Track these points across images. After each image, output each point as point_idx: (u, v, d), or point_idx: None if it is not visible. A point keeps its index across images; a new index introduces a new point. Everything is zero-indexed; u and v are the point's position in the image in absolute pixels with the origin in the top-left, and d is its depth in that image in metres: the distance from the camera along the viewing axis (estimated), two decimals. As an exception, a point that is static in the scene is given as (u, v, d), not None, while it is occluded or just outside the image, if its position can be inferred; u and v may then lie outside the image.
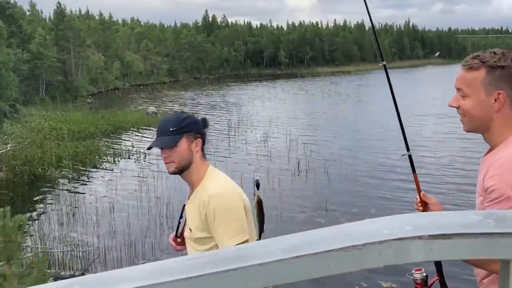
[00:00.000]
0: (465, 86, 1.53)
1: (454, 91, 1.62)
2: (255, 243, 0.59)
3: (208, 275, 0.56)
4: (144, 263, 2.18)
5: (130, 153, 14.29)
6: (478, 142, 6.89)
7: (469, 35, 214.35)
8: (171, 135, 2.06)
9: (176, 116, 2.13)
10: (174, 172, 2.07)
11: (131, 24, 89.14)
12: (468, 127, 1.58)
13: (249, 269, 0.54)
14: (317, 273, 0.53)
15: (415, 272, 1.82)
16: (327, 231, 0.55)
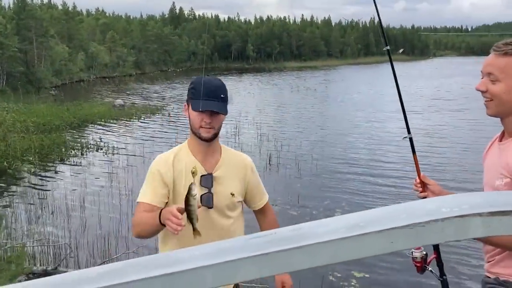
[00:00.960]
0: (498, 71, 1.58)
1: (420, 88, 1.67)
2: (313, 223, 0.61)
3: (274, 253, 0.58)
4: (118, 257, 2.19)
5: (99, 146, 14.02)
6: (458, 131, 6.94)
7: (431, 33, 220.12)
8: (221, 101, 2.04)
9: (221, 82, 2.11)
10: (210, 138, 2.07)
11: (96, 15, 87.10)
12: (494, 111, 1.63)
13: (315, 247, 0.57)
14: (381, 250, 0.55)
15: (415, 251, 1.89)
16: (388, 210, 0.58)
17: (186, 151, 2.15)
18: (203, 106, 2.00)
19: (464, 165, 10.80)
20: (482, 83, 1.62)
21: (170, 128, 18.09)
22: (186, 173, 2.08)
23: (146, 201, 2.07)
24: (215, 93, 2.03)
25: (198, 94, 2.02)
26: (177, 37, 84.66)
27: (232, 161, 2.17)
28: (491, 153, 1.76)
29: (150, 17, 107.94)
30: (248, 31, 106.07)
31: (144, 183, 2.14)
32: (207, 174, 2.09)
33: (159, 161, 2.16)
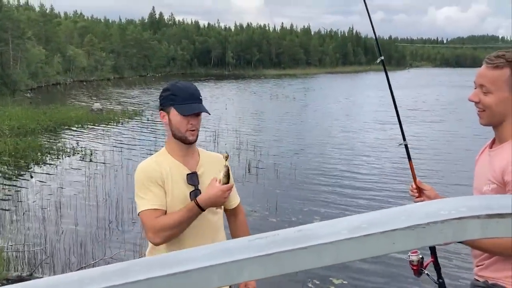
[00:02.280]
0: (489, 83, 1.64)
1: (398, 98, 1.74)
2: (315, 224, 0.62)
3: (279, 253, 0.59)
4: (95, 263, 2.18)
5: (75, 151, 13.80)
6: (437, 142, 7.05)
7: (408, 44, 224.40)
8: (201, 103, 2.16)
9: (193, 85, 2.21)
10: (195, 140, 2.17)
11: (74, 18, 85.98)
12: (487, 121, 1.69)
13: (320, 247, 0.58)
14: (383, 250, 0.57)
15: (411, 255, 1.93)
16: (389, 212, 0.60)
17: (165, 155, 2.21)
18: (192, 109, 2.08)
19: (445, 174, 11.01)
20: (474, 94, 1.69)
21: (149, 132, 17.94)
22: (171, 175, 2.15)
23: (152, 207, 2.11)
24: (196, 95, 2.13)
25: (182, 99, 2.09)
26: (156, 42, 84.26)
27: (210, 160, 2.27)
28: (481, 159, 1.82)
29: (129, 21, 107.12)
30: (228, 38, 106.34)
31: (138, 191, 2.16)
32: (191, 172, 2.17)
33: (144, 167, 2.20)
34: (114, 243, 7.04)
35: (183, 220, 2.07)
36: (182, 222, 2.07)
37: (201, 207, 2.05)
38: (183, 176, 2.15)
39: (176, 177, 2.14)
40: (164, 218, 2.09)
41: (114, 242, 7.12)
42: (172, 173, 2.14)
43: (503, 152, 1.67)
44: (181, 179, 2.15)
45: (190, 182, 2.15)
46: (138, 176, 2.17)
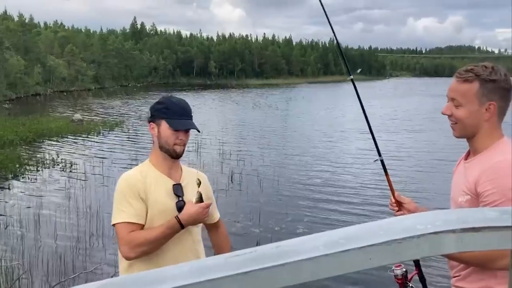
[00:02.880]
0: (460, 96, 1.68)
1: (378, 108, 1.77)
2: (293, 240, 0.62)
3: (255, 271, 0.59)
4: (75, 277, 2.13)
5: (55, 162, 13.59)
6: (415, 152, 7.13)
7: (388, 53, 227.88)
8: (192, 119, 2.22)
9: (186, 101, 2.27)
10: (182, 154, 2.23)
11: (54, 28, 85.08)
12: (459, 133, 1.73)
13: (297, 264, 0.57)
14: (360, 266, 0.57)
15: (395, 268, 1.94)
16: (366, 227, 0.60)
17: (149, 167, 2.24)
18: (184, 125, 2.16)
19: (426, 185, 11.13)
20: (447, 107, 1.72)
21: (130, 143, 17.78)
22: (155, 186, 2.16)
23: (128, 220, 2.10)
24: (188, 112, 2.20)
25: (174, 114, 2.17)
26: (138, 52, 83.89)
27: (191, 175, 2.33)
28: (457, 170, 1.85)
29: (110, 31, 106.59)
30: (211, 48, 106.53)
31: (116, 203, 2.15)
32: (176, 183, 2.20)
33: (127, 178, 2.21)
34: (95, 256, 6.93)
35: (163, 236, 2.07)
36: (161, 238, 2.08)
37: (182, 225, 2.08)
38: (167, 188, 2.17)
39: (160, 189, 2.16)
40: (143, 233, 2.07)
41: (95, 255, 7.01)
42: (156, 185, 2.16)
43: (477, 164, 1.69)
44: (165, 191, 2.17)
45: (176, 193, 2.18)
46: (120, 186, 2.16)
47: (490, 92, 1.66)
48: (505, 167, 1.59)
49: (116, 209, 2.14)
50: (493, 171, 1.60)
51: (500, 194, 1.56)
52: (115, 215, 2.13)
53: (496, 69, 1.67)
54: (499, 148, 1.68)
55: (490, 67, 1.68)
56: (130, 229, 2.08)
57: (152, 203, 2.13)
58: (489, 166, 1.62)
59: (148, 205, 2.13)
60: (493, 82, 1.65)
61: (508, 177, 1.56)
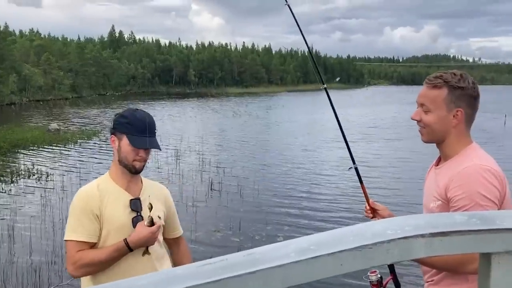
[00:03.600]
0: (428, 102, 1.72)
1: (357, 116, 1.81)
2: (264, 247, 0.62)
3: (227, 279, 0.58)
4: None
5: (31, 173, 13.31)
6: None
7: (366, 62, 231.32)
8: (155, 136, 2.17)
9: (151, 117, 2.19)
10: (141, 171, 2.18)
11: (30, 36, 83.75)
12: (427, 138, 1.76)
13: (268, 271, 0.57)
14: (331, 272, 0.57)
15: (370, 275, 1.95)
16: (337, 233, 0.60)
17: (108, 181, 2.20)
18: (143, 143, 2.10)
19: (403, 192, 11.25)
20: (416, 113, 1.76)
21: (108, 153, 17.55)
22: (112, 201, 2.12)
23: (78, 238, 2.06)
24: (151, 129, 2.14)
25: (136, 130, 2.10)
26: (116, 61, 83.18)
27: (153, 188, 2.31)
28: (429, 176, 1.88)
29: (88, 39, 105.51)
30: (190, 56, 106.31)
31: (70, 218, 2.12)
32: (134, 198, 2.16)
33: (82, 195, 2.16)
34: (71, 268, 6.78)
35: (109, 259, 2.04)
36: (107, 260, 2.04)
37: (130, 248, 2.04)
38: (125, 203, 2.13)
39: (117, 204, 2.12)
40: (90, 254, 2.04)
41: (71, 267, 6.86)
42: (114, 200, 2.12)
43: (447, 169, 1.73)
44: (123, 206, 2.13)
45: (133, 208, 2.13)
46: (75, 203, 2.15)
47: (458, 98, 1.70)
48: (474, 172, 1.62)
49: (69, 225, 2.11)
50: (462, 176, 1.63)
51: (469, 199, 1.59)
52: (67, 232, 2.10)
53: (464, 77, 1.72)
54: (467, 154, 1.71)
55: (459, 75, 1.72)
56: (79, 247, 2.05)
57: (107, 219, 2.09)
58: (458, 172, 1.65)
59: (103, 221, 2.09)
60: (461, 89, 1.70)
61: (476, 182, 1.60)
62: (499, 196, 1.61)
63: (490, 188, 1.60)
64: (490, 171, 1.63)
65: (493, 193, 1.60)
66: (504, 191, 1.63)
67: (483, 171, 1.62)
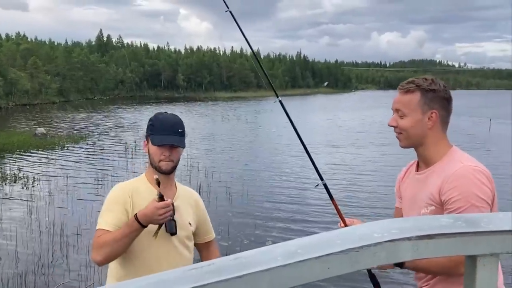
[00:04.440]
0: (403, 107, 1.75)
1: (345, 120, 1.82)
2: (252, 251, 0.61)
3: (214, 283, 0.58)
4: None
5: (17, 177, 13.14)
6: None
7: (353, 67, 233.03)
8: (178, 135, 2.20)
9: (178, 118, 2.28)
10: (170, 171, 2.19)
11: (16, 40, 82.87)
12: (405, 143, 1.78)
13: (255, 276, 0.57)
14: (318, 276, 0.57)
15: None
16: (324, 236, 0.60)
17: (144, 182, 2.25)
18: (162, 140, 2.15)
19: (386, 198, 11.32)
20: (392, 119, 1.79)
21: (95, 157, 17.41)
22: (146, 200, 2.13)
23: (107, 227, 2.09)
24: (173, 128, 2.20)
25: (157, 130, 2.18)
26: (104, 65, 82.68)
27: (186, 194, 2.35)
28: (409, 183, 1.88)
29: (76, 43, 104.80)
30: (178, 61, 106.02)
31: (103, 210, 2.18)
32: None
33: (118, 189, 2.23)
34: (58, 273, 6.71)
35: (123, 235, 2.02)
36: (121, 237, 2.03)
37: (141, 223, 2.01)
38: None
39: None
40: (105, 235, 2.06)
41: (58, 272, 6.78)
42: (148, 199, 2.13)
43: (436, 173, 1.74)
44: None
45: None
46: (110, 195, 2.21)
47: (431, 101, 1.74)
48: (466, 173, 1.65)
49: (100, 216, 2.16)
50: (455, 178, 1.65)
51: (464, 201, 1.60)
52: (98, 222, 2.15)
53: (435, 81, 1.77)
54: (454, 156, 1.74)
55: (430, 79, 1.77)
56: (103, 234, 2.08)
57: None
58: (451, 174, 1.66)
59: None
60: (433, 92, 1.74)
61: (471, 184, 1.62)
62: (491, 196, 1.64)
63: (484, 189, 1.63)
64: (482, 172, 1.66)
65: (486, 194, 1.63)
66: (493, 191, 1.67)
67: (475, 172, 1.65)
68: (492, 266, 0.61)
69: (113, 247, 2.03)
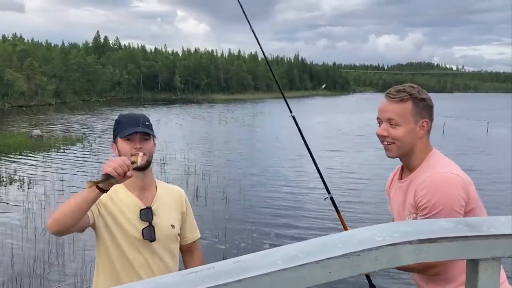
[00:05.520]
0: (397, 116, 1.73)
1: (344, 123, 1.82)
2: (251, 255, 0.61)
3: (214, 287, 0.57)
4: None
5: (13, 179, 13.09)
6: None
7: (351, 69, 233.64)
8: (147, 127, 2.09)
9: (143, 114, 2.18)
10: (144, 166, 2.07)
11: (13, 41, 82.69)
12: (397, 153, 1.76)
13: (255, 280, 0.56)
14: (319, 280, 0.56)
15: None
16: (325, 240, 0.59)
17: (121, 188, 2.14)
18: (130, 130, 2.05)
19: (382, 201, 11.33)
20: (383, 129, 1.75)
21: (91, 159, 17.36)
22: (125, 209, 2.09)
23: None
24: (139, 121, 2.09)
25: (124, 125, 2.09)
26: (101, 67, 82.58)
27: (168, 193, 2.23)
28: (394, 191, 1.88)
29: (72, 45, 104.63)
30: (176, 62, 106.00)
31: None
32: (146, 207, 2.10)
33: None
34: (54, 277, 6.67)
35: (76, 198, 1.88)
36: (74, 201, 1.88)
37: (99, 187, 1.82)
38: (136, 212, 2.08)
39: (128, 213, 2.08)
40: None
41: (54, 275, 6.75)
42: (125, 210, 2.08)
43: (413, 181, 1.74)
44: (134, 215, 2.08)
45: (143, 218, 2.08)
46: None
47: (422, 110, 1.74)
48: (436, 181, 1.64)
49: None
50: (425, 185, 1.65)
51: (432, 207, 1.60)
52: None
53: (421, 89, 1.77)
54: (429, 162, 1.74)
55: (417, 87, 1.77)
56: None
57: (114, 226, 2.05)
58: (423, 181, 1.67)
59: (107, 221, 2.06)
60: (424, 101, 1.74)
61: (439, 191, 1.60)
62: (463, 202, 1.61)
63: (454, 195, 1.60)
64: (453, 178, 1.63)
65: (457, 200, 1.60)
66: (470, 195, 1.64)
67: (446, 179, 1.62)
68: (494, 270, 0.61)
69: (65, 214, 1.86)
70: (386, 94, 1.78)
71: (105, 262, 2.09)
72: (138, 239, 2.05)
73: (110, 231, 2.05)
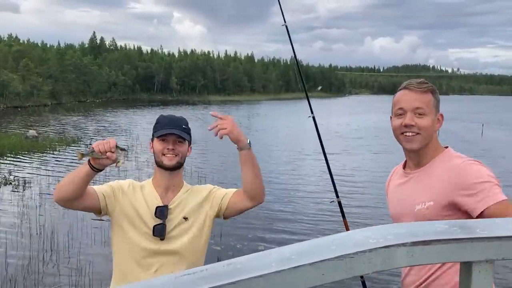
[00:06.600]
0: (425, 105, 1.72)
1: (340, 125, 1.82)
2: (245, 257, 0.60)
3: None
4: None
5: (7, 181, 13.02)
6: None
7: (347, 71, 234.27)
8: (184, 131, 2.16)
9: (182, 117, 2.28)
10: (174, 166, 2.13)
11: (9, 41, 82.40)
12: (421, 144, 1.74)
13: (249, 282, 0.56)
14: (313, 282, 0.56)
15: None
16: (319, 242, 0.59)
17: (149, 184, 2.22)
18: (164, 131, 2.12)
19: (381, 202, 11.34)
20: (410, 118, 1.71)
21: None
22: (144, 202, 2.14)
23: (96, 187, 2.14)
24: (176, 123, 2.18)
25: (161, 125, 2.17)
26: (97, 67, 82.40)
27: (194, 194, 2.24)
28: (397, 186, 1.85)
29: (68, 46, 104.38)
30: (172, 64, 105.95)
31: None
32: (162, 205, 2.14)
33: (126, 181, 2.24)
34: (48, 278, 6.64)
35: (75, 170, 2.02)
36: (73, 172, 2.02)
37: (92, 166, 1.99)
38: (153, 209, 2.12)
39: (146, 208, 2.12)
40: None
41: (49, 275, 6.72)
42: (145, 204, 2.13)
43: (438, 169, 1.69)
44: (151, 211, 2.12)
45: (157, 215, 2.11)
46: (118, 181, 2.24)
47: (439, 103, 1.75)
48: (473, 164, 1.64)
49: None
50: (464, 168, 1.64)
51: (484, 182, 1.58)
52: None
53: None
54: (452, 154, 1.74)
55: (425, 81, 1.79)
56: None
57: (132, 215, 2.11)
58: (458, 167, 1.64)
59: (124, 207, 2.12)
60: (438, 95, 1.75)
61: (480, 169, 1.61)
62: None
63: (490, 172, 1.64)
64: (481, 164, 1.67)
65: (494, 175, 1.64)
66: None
67: (478, 162, 1.66)
68: (487, 272, 0.61)
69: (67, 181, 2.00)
70: (408, 86, 1.76)
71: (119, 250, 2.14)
72: (148, 234, 2.09)
73: (128, 217, 2.11)
